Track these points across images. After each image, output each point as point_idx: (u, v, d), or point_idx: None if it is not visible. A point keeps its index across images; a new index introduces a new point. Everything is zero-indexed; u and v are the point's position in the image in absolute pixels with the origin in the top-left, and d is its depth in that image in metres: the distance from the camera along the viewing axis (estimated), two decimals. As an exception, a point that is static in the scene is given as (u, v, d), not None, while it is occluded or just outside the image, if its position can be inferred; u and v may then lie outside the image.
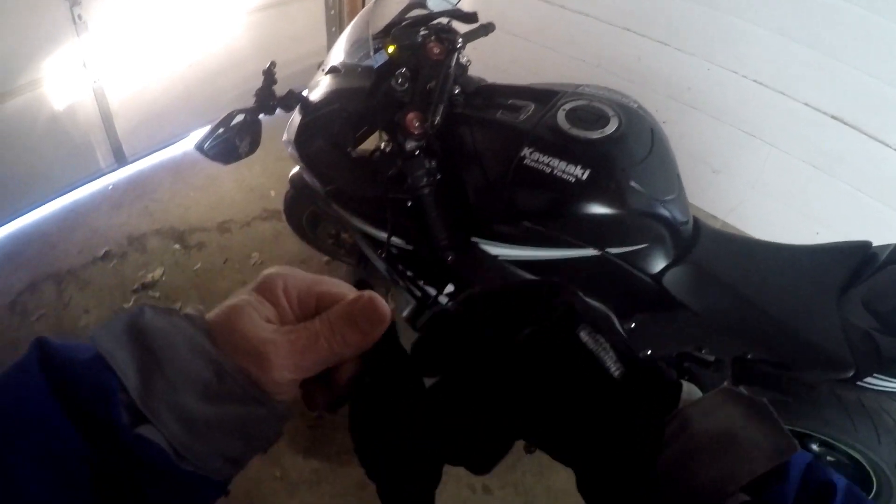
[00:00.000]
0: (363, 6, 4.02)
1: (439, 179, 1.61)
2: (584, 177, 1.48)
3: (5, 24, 2.68)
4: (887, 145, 2.46)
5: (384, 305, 0.49)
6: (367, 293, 0.49)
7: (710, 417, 0.46)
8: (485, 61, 1.80)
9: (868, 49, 2.37)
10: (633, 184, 1.51)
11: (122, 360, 0.40)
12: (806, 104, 2.60)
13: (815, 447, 1.78)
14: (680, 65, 2.83)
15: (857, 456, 1.70)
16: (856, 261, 1.57)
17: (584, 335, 0.47)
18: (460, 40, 1.65)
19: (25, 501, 0.37)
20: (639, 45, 2.91)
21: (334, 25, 4.04)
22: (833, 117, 2.55)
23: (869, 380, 1.46)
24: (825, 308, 1.51)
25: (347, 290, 0.50)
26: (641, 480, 0.46)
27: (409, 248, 1.83)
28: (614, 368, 0.47)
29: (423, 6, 1.91)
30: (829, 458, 1.78)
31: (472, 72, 1.85)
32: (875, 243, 1.61)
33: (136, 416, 0.39)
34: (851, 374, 1.45)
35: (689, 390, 0.49)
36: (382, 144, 1.66)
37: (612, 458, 0.47)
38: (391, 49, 1.68)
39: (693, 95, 2.86)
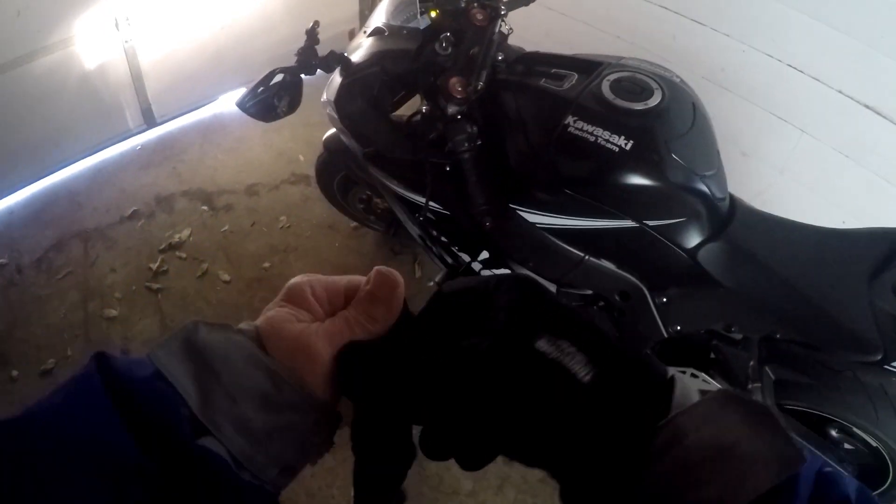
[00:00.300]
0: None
1: (479, 145, 1.61)
2: (628, 147, 1.48)
3: (38, -21, 2.68)
4: (920, 138, 2.43)
5: (392, 272, 0.52)
6: (375, 268, 0.53)
7: (706, 426, 0.41)
8: (518, 33, 1.79)
9: (906, 39, 2.34)
10: (674, 156, 1.51)
11: (181, 376, 0.41)
12: (840, 91, 2.57)
13: (834, 432, 1.79)
14: (715, 45, 2.81)
15: (876, 444, 1.71)
16: (887, 247, 1.57)
17: (542, 344, 0.45)
18: (503, 8, 1.65)
19: None
20: (675, 22, 2.88)
21: (367, -8, 4.02)
22: (866, 106, 2.53)
23: (895, 364, 1.47)
24: (856, 291, 1.51)
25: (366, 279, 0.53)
26: (625, 495, 0.42)
27: (446, 213, 1.84)
28: (583, 373, 0.43)
29: None
30: (846, 444, 1.80)
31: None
32: (905, 232, 1.61)
33: (196, 430, 0.41)
34: (879, 357, 1.46)
35: (684, 389, 0.45)
36: (424, 108, 1.66)
37: (589, 472, 0.44)
38: (434, 13, 1.69)
39: (726, 76, 2.84)
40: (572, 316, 0.47)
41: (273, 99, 1.79)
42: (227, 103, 3.77)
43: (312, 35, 1.83)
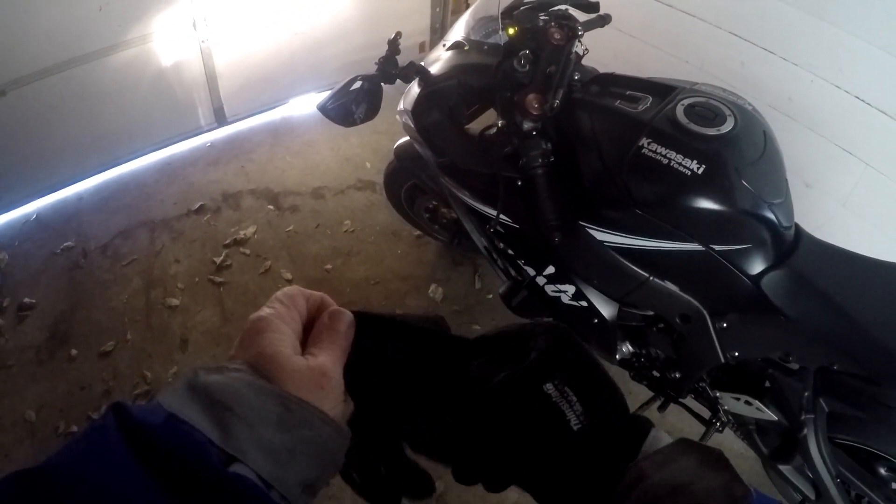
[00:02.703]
0: (468, -11, 4.07)
1: (552, 161, 1.64)
2: (700, 171, 1.50)
3: (123, -23, 2.78)
4: (985, 178, 2.39)
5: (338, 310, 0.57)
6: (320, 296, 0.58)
7: (666, 468, 0.47)
8: (588, 53, 1.83)
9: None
10: (744, 183, 1.52)
11: (195, 414, 0.44)
12: (907, 127, 2.56)
13: (883, 470, 1.77)
14: (783, 74, 2.79)
15: None
16: None
17: (549, 387, 0.51)
18: (580, 28, 1.69)
19: None
20: (744, 50, 2.88)
21: (438, 6, 4.10)
22: (933, 143, 2.51)
23: None
24: None
25: (310, 300, 0.58)
26: None
27: (515, 226, 1.86)
28: (575, 421, 0.50)
29: None
30: (894, 484, 1.77)
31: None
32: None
33: (220, 461, 0.43)
34: None
35: (654, 439, 0.51)
36: (500, 123, 1.69)
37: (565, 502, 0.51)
38: (512, 31, 1.73)
39: (793, 106, 2.82)
40: (590, 370, 0.54)
41: (352, 105, 1.85)
42: (297, 107, 3.86)
43: (394, 45, 1.89)
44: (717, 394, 1.90)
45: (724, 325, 1.68)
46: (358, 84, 1.85)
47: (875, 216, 2.78)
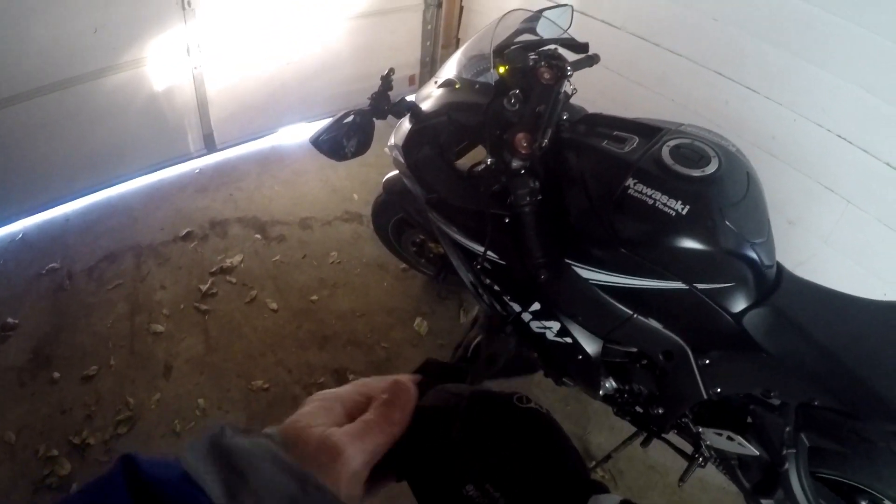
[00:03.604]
0: (459, 23, 4.14)
1: (540, 200, 1.66)
2: (684, 212, 1.53)
3: (118, 0, 2.83)
4: (965, 213, 2.44)
5: (408, 383, 0.58)
6: (393, 379, 0.59)
7: None
8: (575, 87, 1.87)
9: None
10: (727, 223, 1.55)
11: (210, 480, 0.45)
12: (887, 164, 2.59)
13: (863, 503, 1.79)
14: (767, 113, 2.85)
15: None
16: None
17: (470, 488, 0.52)
18: (569, 69, 1.72)
19: None
20: (728, 89, 2.93)
21: (429, 39, 4.17)
22: (913, 180, 2.56)
23: None
24: None
25: (384, 382, 0.59)
26: None
27: (502, 263, 1.88)
28: None
29: (533, 32, 1.99)
30: (876, 516, 1.79)
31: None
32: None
33: None
34: None
35: None
36: (489, 161, 1.72)
37: None
38: (503, 69, 1.76)
39: (776, 144, 2.87)
40: (514, 453, 0.55)
41: (343, 139, 1.87)
42: (286, 136, 3.89)
43: (387, 81, 1.91)
44: (700, 429, 1.92)
45: (707, 361, 1.70)
46: (350, 118, 1.87)
47: (856, 252, 2.82)
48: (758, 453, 1.79)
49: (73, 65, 2.88)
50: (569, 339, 1.86)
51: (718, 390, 1.73)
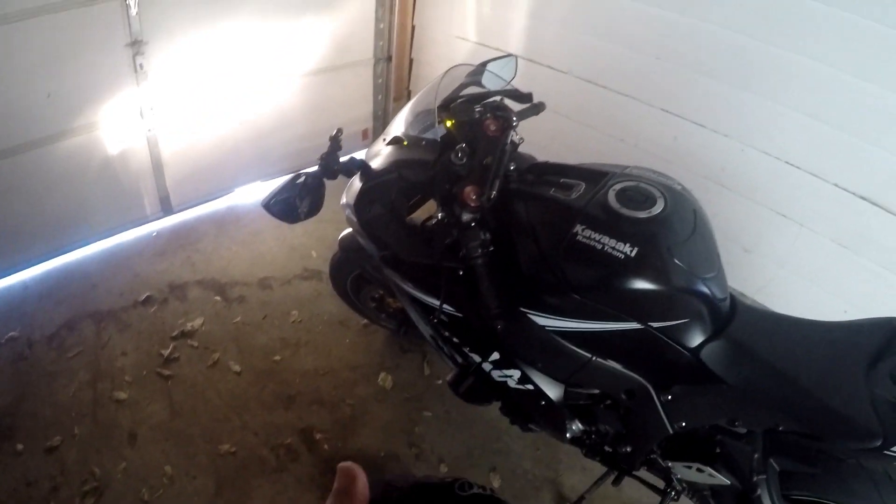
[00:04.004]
0: (409, 76, 4.20)
1: (492, 251, 1.67)
2: (633, 254, 1.55)
3: (70, 64, 2.83)
4: (914, 224, 2.52)
5: (352, 466, 0.60)
6: (338, 466, 0.60)
7: None
8: (527, 136, 1.88)
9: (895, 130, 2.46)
10: (676, 262, 1.57)
11: None
12: (835, 185, 2.67)
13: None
14: (715, 145, 2.91)
15: None
16: (883, 336, 1.60)
17: None
18: (514, 119, 1.74)
19: None
20: (676, 125, 3.00)
21: (381, 93, 4.21)
22: (861, 197, 2.62)
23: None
24: (854, 381, 1.53)
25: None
26: None
27: (459, 315, 1.88)
28: None
29: (479, 84, 2.01)
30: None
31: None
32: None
33: None
34: (879, 444, 1.47)
35: None
36: (439, 215, 1.72)
37: None
38: (449, 123, 1.78)
39: (726, 175, 2.94)
40: None
41: (295, 201, 1.87)
42: (242, 196, 3.88)
43: (336, 142, 1.92)
44: (669, 463, 1.91)
45: (669, 397, 1.71)
46: (300, 180, 1.88)
47: (814, 273, 2.87)
48: (729, 482, 1.80)
49: (27, 130, 2.86)
50: (531, 386, 1.86)
51: (683, 424, 1.74)
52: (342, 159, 1.95)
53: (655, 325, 1.62)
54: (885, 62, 2.39)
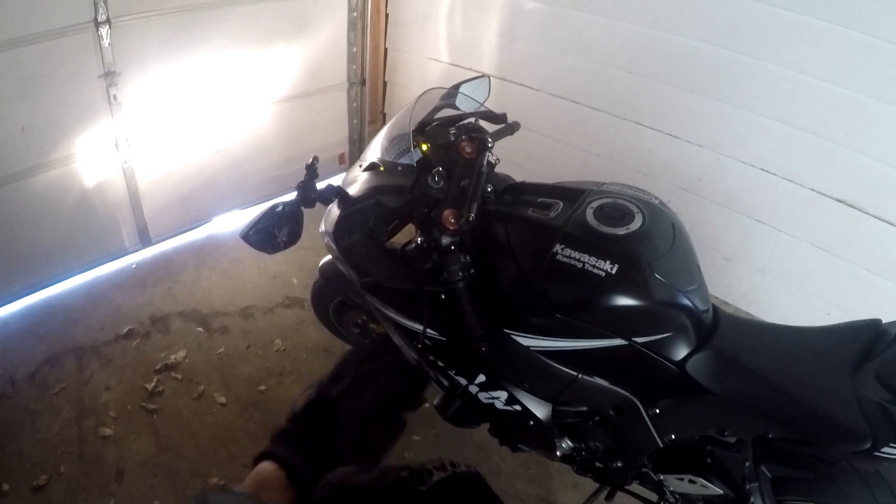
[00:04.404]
0: (384, 99, 4.21)
1: (472, 273, 1.67)
2: (613, 271, 1.55)
3: (44, 97, 2.81)
4: (891, 224, 2.57)
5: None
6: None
7: None
8: (503, 155, 1.89)
9: (868, 133, 2.50)
10: (657, 276, 1.58)
11: None
12: (812, 189, 2.70)
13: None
14: (690, 156, 2.94)
15: None
16: (868, 338, 1.61)
17: None
18: (490, 140, 1.75)
19: None
20: (650, 138, 3.02)
21: (356, 117, 4.23)
22: (838, 200, 2.65)
23: (885, 450, 1.48)
24: (841, 384, 1.54)
25: None
26: None
27: (443, 339, 1.88)
28: None
29: (453, 107, 2.02)
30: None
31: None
32: (885, 320, 1.67)
33: None
34: (868, 445, 1.47)
35: None
36: (419, 240, 1.72)
37: None
38: (425, 147, 1.78)
39: (703, 185, 2.96)
40: None
41: (274, 230, 1.86)
42: (221, 225, 3.86)
43: (312, 170, 1.92)
44: (661, 476, 1.91)
45: (657, 411, 1.71)
46: (278, 210, 1.87)
47: (795, 278, 2.89)
48: (721, 492, 1.79)
49: (1, 164, 2.83)
50: (518, 407, 1.86)
51: (673, 437, 1.74)
52: (319, 186, 1.94)
53: (640, 340, 1.62)
54: (856, 66, 2.43)
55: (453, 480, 0.58)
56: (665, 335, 1.62)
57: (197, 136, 3.47)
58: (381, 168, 1.98)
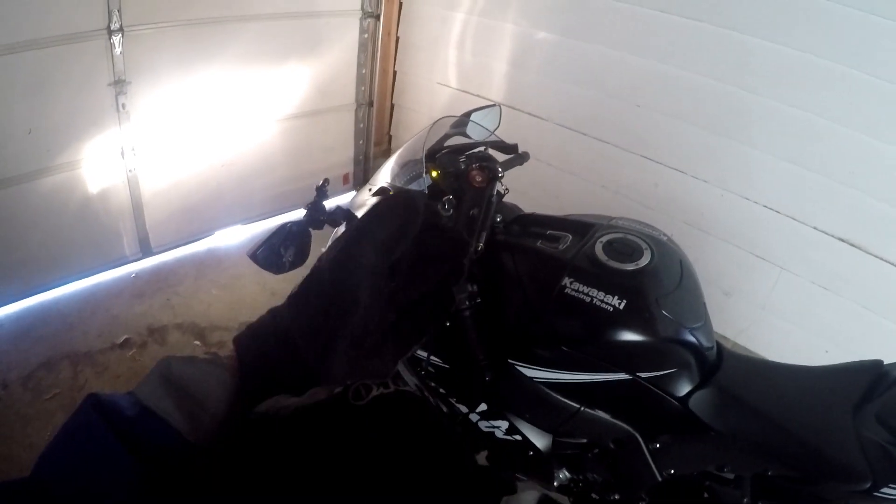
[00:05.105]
0: (390, 121, 4.23)
1: (479, 303, 1.67)
2: (621, 306, 1.55)
3: (52, 101, 2.82)
4: (893, 264, 2.58)
5: None
6: None
7: None
8: (509, 184, 1.90)
9: (873, 173, 2.52)
10: (664, 313, 1.58)
11: (169, 409, 0.52)
12: (815, 228, 2.71)
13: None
14: (695, 191, 2.95)
15: None
16: (869, 378, 1.63)
17: None
18: (500, 170, 1.75)
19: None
20: (656, 171, 3.04)
21: (362, 138, 4.24)
22: (840, 239, 2.67)
23: (885, 490, 1.48)
24: (841, 424, 1.55)
25: None
26: None
27: (445, 366, 1.87)
28: None
29: (464, 135, 2.02)
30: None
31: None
32: (885, 359, 1.68)
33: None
34: (868, 485, 1.47)
35: None
36: None
37: None
38: (435, 174, 1.78)
39: (706, 220, 2.97)
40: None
41: (280, 249, 1.85)
42: (223, 239, 3.86)
43: (322, 191, 1.92)
44: (659, 510, 1.90)
45: (658, 445, 1.71)
46: (286, 230, 1.87)
47: (794, 315, 2.90)
48: (718, 527, 1.79)
49: (6, 166, 2.83)
50: (518, 437, 1.85)
51: (672, 471, 1.73)
52: (328, 208, 1.94)
53: (644, 375, 1.62)
54: (862, 106, 2.46)
55: (393, 397, 0.59)
56: (669, 371, 1.63)
57: (203, 149, 3.48)
58: (391, 193, 1.98)
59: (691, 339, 1.62)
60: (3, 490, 0.50)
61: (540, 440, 1.84)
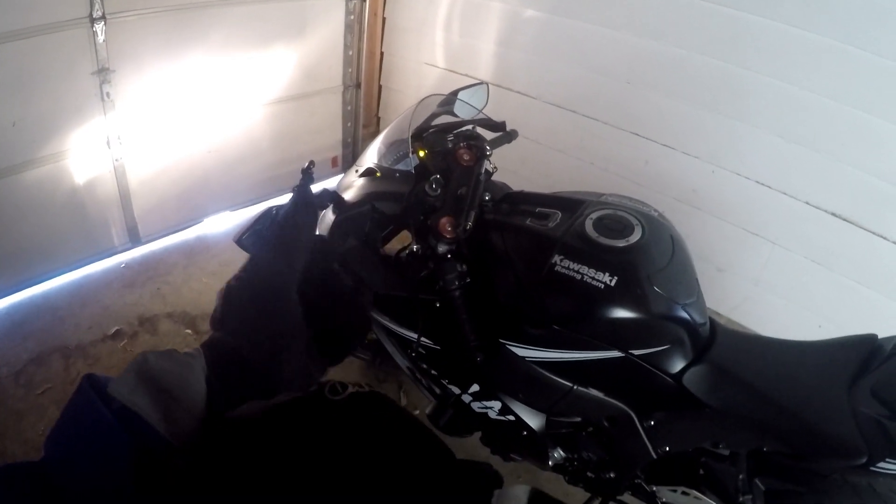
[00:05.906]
0: (378, 103, 4.20)
1: (469, 282, 1.66)
2: (612, 283, 1.54)
3: (36, 92, 2.77)
4: (885, 238, 2.58)
5: None
6: None
7: None
8: (495, 161, 1.88)
9: (863, 147, 2.51)
10: (656, 289, 1.56)
11: (143, 405, 0.51)
12: (806, 202, 2.71)
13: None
14: (686, 167, 2.94)
15: None
16: (863, 353, 1.62)
17: None
18: (488, 148, 1.73)
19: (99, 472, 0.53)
20: (646, 148, 3.02)
21: (350, 120, 4.21)
22: (832, 214, 2.67)
23: (881, 465, 1.48)
24: (836, 399, 1.55)
25: None
26: None
27: (437, 347, 1.86)
28: None
29: (451, 113, 2.00)
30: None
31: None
32: (878, 333, 1.68)
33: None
34: (864, 460, 1.47)
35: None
36: (415, 247, 1.70)
37: None
38: (422, 154, 1.76)
39: (698, 197, 2.96)
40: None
41: (268, 234, 1.83)
42: (212, 225, 3.82)
43: (307, 174, 1.89)
44: (654, 487, 1.90)
45: (652, 423, 1.71)
46: (272, 214, 1.84)
47: (788, 290, 2.90)
48: (714, 504, 1.79)
49: (-9, 160, 2.79)
50: (512, 417, 1.84)
51: (667, 448, 1.73)
52: (314, 190, 1.92)
53: (637, 352, 1.61)
54: (853, 82, 2.45)
55: (368, 395, 0.59)
56: (662, 348, 1.62)
57: (189, 136, 3.44)
58: (378, 174, 1.96)
59: (684, 315, 1.60)
60: (11, 472, 0.52)
61: (533, 420, 1.84)
